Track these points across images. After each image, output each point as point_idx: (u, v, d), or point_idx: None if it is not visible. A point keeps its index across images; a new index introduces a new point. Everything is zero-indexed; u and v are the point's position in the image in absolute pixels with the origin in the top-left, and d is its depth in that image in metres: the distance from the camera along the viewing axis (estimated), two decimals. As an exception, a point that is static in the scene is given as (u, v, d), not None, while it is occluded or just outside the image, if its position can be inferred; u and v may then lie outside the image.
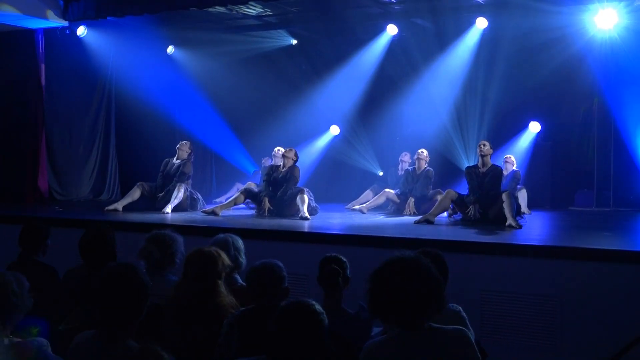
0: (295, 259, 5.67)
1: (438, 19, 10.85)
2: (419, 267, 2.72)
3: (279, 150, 10.29)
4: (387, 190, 9.86)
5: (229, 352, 3.48)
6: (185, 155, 9.82)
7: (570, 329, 5.46)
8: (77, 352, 3.01)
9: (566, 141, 11.23)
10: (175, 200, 9.26)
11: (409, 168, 10.05)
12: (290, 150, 9.43)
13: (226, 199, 9.92)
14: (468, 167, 8.76)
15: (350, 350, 3.48)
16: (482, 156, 8.46)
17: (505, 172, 10.01)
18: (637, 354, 4.82)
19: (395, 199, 9.70)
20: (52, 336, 3.55)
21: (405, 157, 10.67)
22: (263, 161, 11.63)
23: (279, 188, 9.16)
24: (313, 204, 9.14)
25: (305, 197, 8.77)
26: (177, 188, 9.35)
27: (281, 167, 9.38)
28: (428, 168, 9.79)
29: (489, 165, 8.46)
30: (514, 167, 10.41)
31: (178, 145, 9.93)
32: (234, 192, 10.52)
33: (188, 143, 10.02)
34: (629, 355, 4.81)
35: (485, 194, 8.19)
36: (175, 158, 9.86)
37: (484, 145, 8.53)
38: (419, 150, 9.91)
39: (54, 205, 10.54)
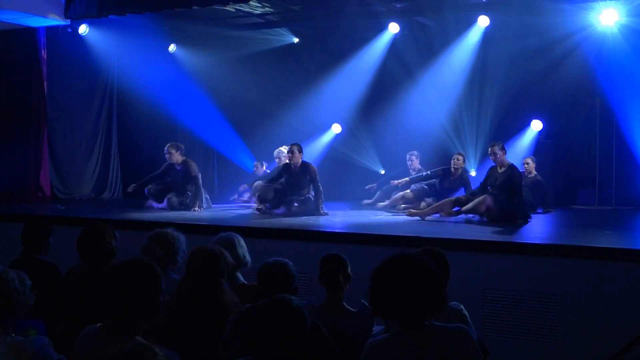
0: (297, 257, 5.66)
1: (440, 17, 10.85)
2: (420, 265, 2.72)
3: (281, 150, 10.35)
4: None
5: (233, 348, 3.50)
6: (179, 158, 9.72)
7: (571, 327, 5.46)
8: (83, 346, 3.00)
9: (568, 139, 11.22)
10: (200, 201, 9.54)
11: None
12: (295, 144, 9.31)
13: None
14: (491, 167, 8.72)
15: (352, 348, 3.49)
16: (494, 160, 8.45)
17: (529, 175, 10.08)
18: (638, 353, 4.82)
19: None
20: (53, 334, 3.56)
21: (415, 157, 10.66)
22: (254, 167, 11.49)
23: (294, 186, 9.19)
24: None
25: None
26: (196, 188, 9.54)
27: (292, 166, 9.26)
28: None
29: (506, 167, 8.43)
30: (534, 172, 10.29)
31: (167, 155, 9.73)
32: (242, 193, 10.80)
33: (172, 145, 9.79)
34: (629, 354, 4.81)
35: (495, 194, 8.21)
36: (177, 165, 9.79)
37: (492, 153, 8.42)
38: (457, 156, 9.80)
39: (56, 203, 10.57)
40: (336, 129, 12.77)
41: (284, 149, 10.25)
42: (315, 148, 12.55)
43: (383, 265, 2.74)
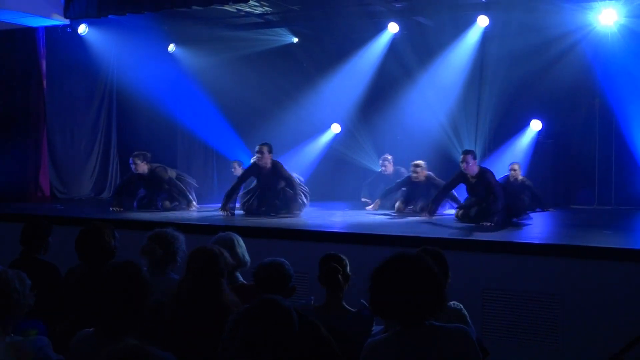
0: (296, 257, 5.67)
1: (439, 17, 10.85)
2: (419, 265, 2.72)
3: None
4: None
5: (233, 348, 3.49)
6: (146, 168, 9.41)
7: (571, 327, 5.47)
8: (77, 350, 3.01)
9: (567, 139, 11.21)
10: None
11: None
12: (264, 144, 8.94)
13: None
14: (461, 174, 8.43)
15: (352, 348, 3.49)
16: (465, 168, 8.24)
17: (515, 182, 10.11)
18: (637, 353, 4.82)
19: None
20: (52, 335, 3.55)
21: (388, 162, 10.59)
22: (233, 167, 11.37)
23: (269, 187, 9.07)
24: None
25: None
26: (177, 189, 9.39)
27: (262, 166, 8.91)
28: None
29: (477, 175, 8.19)
30: (519, 177, 10.26)
31: (133, 166, 9.42)
32: None
33: (138, 156, 9.47)
34: (629, 354, 4.82)
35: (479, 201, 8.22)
36: (144, 175, 9.47)
37: (465, 161, 8.18)
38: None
39: (56, 203, 10.56)
40: (336, 129, 12.77)
41: None
42: (315, 148, 12.56)
43: (383, 265, 2.74)
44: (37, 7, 9.97)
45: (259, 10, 11.24)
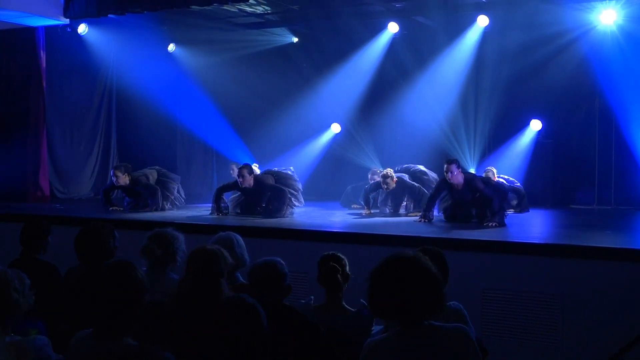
0: (295, 257, 5.67)
1: (439, 17, 10.85)
2: (418, 265, 2.72)
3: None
4: None
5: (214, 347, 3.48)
6: (127, 180, 9.29)
7: (571, 327, 5.46)
8: (75, 351, 3.00)
9: (567, 139, 11.22)
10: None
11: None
12: (244, 167, 8.97)
13: None
14: (445, 183, 8.27)
15: (351, 348, 3.49)
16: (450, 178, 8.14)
17: None
18: (637, 353, 4.83)
19: None
20: (52, 335, 3.55)
21: (377, 175, 10.51)
22: (231, 169, 11.29)
23: (253, 200, 9.07)
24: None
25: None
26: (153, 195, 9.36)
27: (246, 186, 8.86)
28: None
29: (463, 184, 8.10)
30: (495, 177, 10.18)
31: (114, 179, 9.29)
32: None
33: (118, 168, 9.41)
34: (629, 354, 4.82)
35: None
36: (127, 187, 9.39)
37: (449, 171, 8.05)
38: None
39: (55, 203, 10.55)
40: (335, 128, 12.77)
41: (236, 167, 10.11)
42: (315, 148, 12.56)
43: (382, 265, 2.74)
44: (37, 7, 9.96)
45: (258, 10, 11.24)
